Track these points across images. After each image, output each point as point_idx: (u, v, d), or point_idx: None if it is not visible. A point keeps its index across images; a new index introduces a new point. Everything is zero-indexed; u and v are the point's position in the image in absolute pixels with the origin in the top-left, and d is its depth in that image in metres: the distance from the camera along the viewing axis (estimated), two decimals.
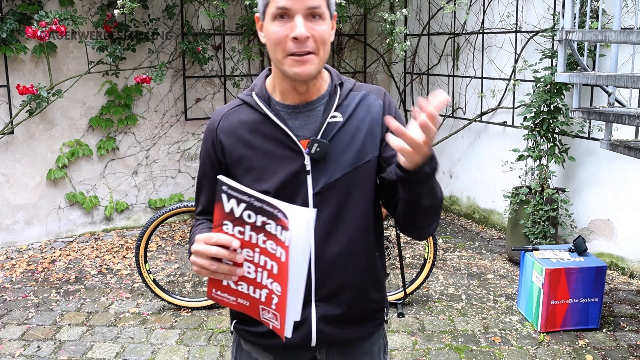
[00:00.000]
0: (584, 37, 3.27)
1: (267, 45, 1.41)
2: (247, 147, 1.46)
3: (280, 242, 1.24)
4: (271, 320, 1.35)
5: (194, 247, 1.28)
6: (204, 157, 1.55)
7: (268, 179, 1.44)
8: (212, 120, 1.54)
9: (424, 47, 6.34)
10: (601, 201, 4.70)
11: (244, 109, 1.50)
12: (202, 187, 1.58)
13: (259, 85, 1.51)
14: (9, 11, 4.96)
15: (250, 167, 1.46)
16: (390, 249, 4.04)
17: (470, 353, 3.50)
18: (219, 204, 1.28)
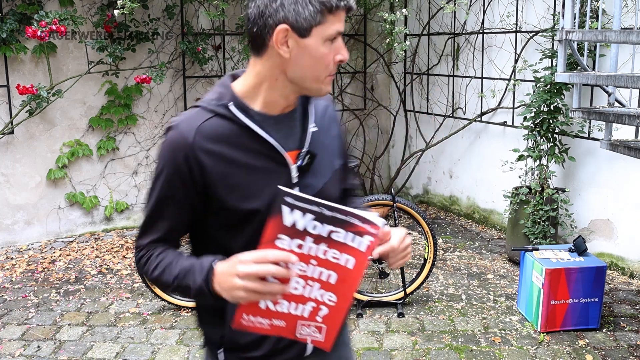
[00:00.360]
0: (584, 37, 3.27)
1: (302, 62, 1.33)
2: (229, 163, 1.36)
3: (350, 249, 1.23)
4: (311, 334, 1.32)
5: (242, 270, 1.23)
6: (168, 177, 1.36)
7: (256, 196, 1.37)
8: (182, 134, 1.35)
9: (424, 47, 6.34)
10: (601, 201, 4.70)
11: (217, 121, 1.36)
12: (162, 212, 1.40)
13: (230, 95, 1.39)
14: (9, 11, 4.96)
15: (234, 185, 1.36)
16: None
17: (470, 353, 3.50)
18: (276, 218, 1.22)
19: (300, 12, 1.29)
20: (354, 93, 6.73)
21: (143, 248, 1.44)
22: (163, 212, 1.40)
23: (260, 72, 1.38)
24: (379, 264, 4.04)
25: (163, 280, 1.39)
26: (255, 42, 1.35)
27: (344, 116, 6.71)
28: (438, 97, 6.27)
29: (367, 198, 3.99)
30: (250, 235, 1.35)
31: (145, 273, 1.43)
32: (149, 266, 1.41)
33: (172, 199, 1.38)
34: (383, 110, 6.91)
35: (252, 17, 1.33)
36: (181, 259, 1.39)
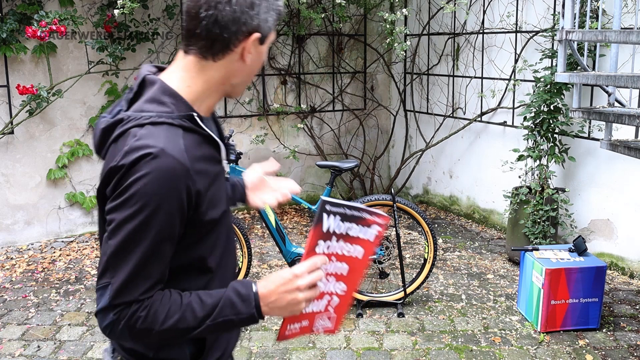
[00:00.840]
0: (584, 37, 3.27)
1: (253, 68, 1.34)
2: (207, 177, 1.29)
3: (361, 241, 1.34)
4: (324, 324, 1.41)
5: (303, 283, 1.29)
6: (168, 212, 1.21)
7: (220, 200, 1.35)
8: (178, 161, 1.21)
9: (424, 47, 6.34)
10: (601, 201, 4.70)
11: (188, 135, 1.27)
12: (160, 253, 1.24)
13: (185, 105, 1.29)
14: (9, 11, 4.96)
15: (211, 198, 1.31)
16: (390, 249, 4.04)
17: (470, 353, 3.50)
18: (317, 226, 1.31)
19: (269, 20, 1.30)
20: (354, 93, 6.73)
21: (134, 302, 1.22)
22: (160, 253, 1.23)
23: (213, 77, 1.31)
24: (379, 264, 4.04)
25: (183, 326, 1.25)
26: (216, 46, 1.27)
27: (344, 116, 6.72)
28: (438, 97, 6.27)
29: (367, 198, 3.99)
30: (215, 239, 1.36)
31: (146, 330, 1.24)
32: (153, 319, 1.23)
33: (170, 236, 1.23)
34: (383, 110, 6.91)
35: (224, 22, 1.25)
36: (198, 297, 1.28)
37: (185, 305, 1.26)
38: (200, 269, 1.34)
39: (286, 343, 3.62)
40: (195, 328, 1.26)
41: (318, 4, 5.91)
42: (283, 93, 6.39)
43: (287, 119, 6.43)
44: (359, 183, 6.71)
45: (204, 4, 1.24)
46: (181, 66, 1.32)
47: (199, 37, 1.27)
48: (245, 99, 6.17)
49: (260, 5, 1.27)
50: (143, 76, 1.34)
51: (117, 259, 1.21)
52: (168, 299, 1.26)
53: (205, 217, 1.29)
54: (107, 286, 1.22)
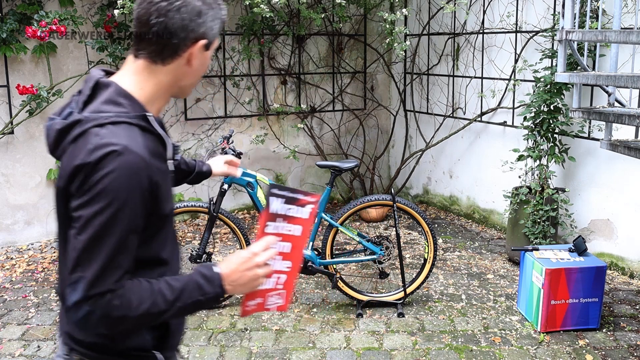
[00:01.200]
0: (584, 37, 3.27)
1: (198, 72, 1.45)
2: (162, 174, 1.38)
3: (299, 220, 1.52)
4: (276, 301, 1.56)
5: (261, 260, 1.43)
6: (134, 205, 1.28)
7: (170, 197, 1.46)
8: (140, 156, 1.29)
9: (424, 47, 6.33)
10: (601, 201, 4.70)
11: (145, 134, 1.35)
12: (128, 245, 1.30)
13: (139, 105, 1.37)
14: (9, 11, 4.96)
15: (165, 194, 1.39)
16: (390, 249, 4.04)
17: (470, 353, 3.50)
18: (266, 209, 1.49)
19: (214, 28, 1.42)
20: (354, 93, 6.73)
21: (108, 292, 1.28)
22: (128, 244, 1.30)
23: (162, 80, 1.40)
24: (379, 264, 4.04)
25: (155, 310, 1.32)
26: (165, 51, 1.37)
27: (344, 116, 6.72)
28: (438, 97, 6.27)
29: (367, 198, 3.99)
30: (167, 233, 1.46)
31: (121, 318, 1.30)
32: (127, 306, 1.30)
33: (136, 227, 1.31)
34: (383, 110, 6.91)
35: (173, 29, 1.34)
36: (167, 283, 1.36)
37: (156, 291, 1.33)
38: (158, 262, 1.43)
39: (286, 343, 3.62)
40: (166, 311, 1.34)
41: (318, 4, 5.90)
42: (283, 93, 6.39)
43: (287, 119, 6.43)
44: (359, 183, 6.71)
45: (154, 12, 1.33)
46: (132, 70, 1.40)
47: (149, 43, 1.36)
48: (245, 99, 6.17)
49: (207, 14, 1.38)
50: (96, 79, 1.39)
51: (88, 253, 1.26)
52: (139, 286, 1.33)
53: (161, 211, 1.39)
54: (79, 280, 1.27)
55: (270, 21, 5.86)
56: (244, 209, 6.33)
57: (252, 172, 3.98)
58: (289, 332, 3.76)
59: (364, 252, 4.05)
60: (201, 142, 6.07)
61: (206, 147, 6.08)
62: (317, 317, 3.96)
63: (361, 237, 4.02)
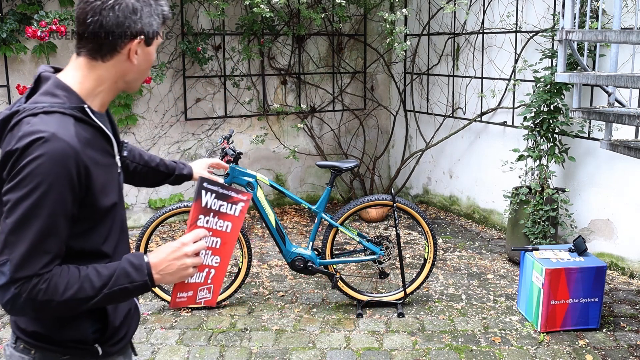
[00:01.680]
0: (584, 37, 3.27)
1: (142, 67, 1.49)
2: (97, 165, 1.41)
3: (229, 216, 1.55)
4: (204, 296, 1.60)
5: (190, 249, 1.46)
6: (60, 190, 1.31)
7: (112, 191, 1.48)
8: (67, 143, 1.32)
9: (424, 47, 6.34)
10: (601, 201, 4.70)
11: (79, 124, 1.39)
12: (55, 229, 1.32)
13: (77, 97, 1.42)
14: (9, 11, 4.96)
15: (101, 186, 1.42)
16: (391, 249, 4.04)
17: (470, 353, 3.50)
18: (197, 202, 1.51)
19: (153, 24, 1.46)
20: (354, 93, 6.73)
21: (32, 276, 1.30)
22: (55, 229, 1.33)
23: (102, 76, 1.45)
24: (379, 264, 4.04)
25: (82, 296, 1.34)
26: (103, 48, 1.42)
27: (344, 116, 6.72)
28: (438, 97, 6.27)
29: (367, 198, 3.99)
30: (109, 228, 1.49)
31: (46, 302, 1.31)
32: (53, 291, 1.32)
33: (64, 212, 1.33)
34: (383, 110, 6.91)
35: (108, 26, 1.39)
36: (95, 270, 1.38)
37: (84, 277, 1.36)
38: (98, 255, 1.46)
39: (286, 343, 3.62)
40: (93, 297, 1.36)
41: (318, 4, 5.90)
42: (283, 93, 6.39)
43: (287, 119, 6.43)
44: (359, 183, 6.71)
45: (90, 11, 1.39)
46: (74, 66, 1.46)
47: (87, 41, 1.42)
48: (246, 99, 6.17)
49: (142, 10, 1.42)
50: (39, 74, 1.46)
51: (14, 236, 1.30)
52: (67, 272, 1.35)
53: (97, 203, 1.41)
54: (6, 263, 1.30)
55: (270, 21, 5.86)
56: None
57: (252, 172, 3.98)
58: (289, 332, 3.76)
59: (364, 252, 4.05)
60: (201, 142, 6.06)
61: (206, 147, 6.08)
62: (317, 317, 3.96)
63: (361, 237, 4.02)
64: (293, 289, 4.41)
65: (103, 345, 1.53)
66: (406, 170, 6.54)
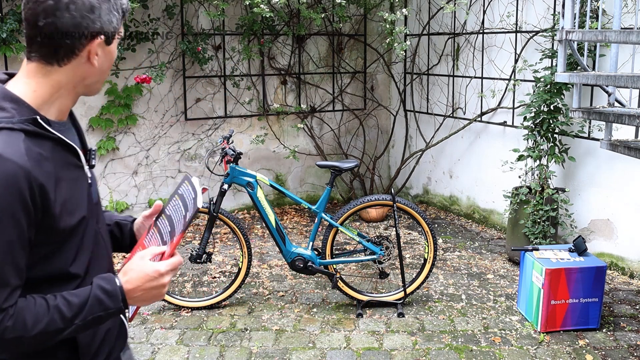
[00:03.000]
0: (584, 37, 3.27)
1: (103, 68, 1.35)
2: (57, 181, 1.27)
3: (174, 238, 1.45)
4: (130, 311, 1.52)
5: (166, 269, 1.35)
6: (13, 214, 1.18)
7: (79, 206, 1.34)
8: (15, 163, 1.18)
9: (424, 47, 6.34)
10: (601, 201, 4.70)
11: (31, 139, 1.24)
12: (12, 257, 1.20)
13: (28, 109, 1.27)
14: (9, 11, 4.96)
15: (64, 202, 1.28)
16: (390, 249, 4.04)
17: (470, 353, 3.50)
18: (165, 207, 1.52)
19: (112, 21, 1.31)
20: (354, 93, 6.73)
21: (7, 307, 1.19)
22: (13, 258, 1.20)
23: (60, 81, 1.31)
24: (379, 264, 4.04)
25: (51, 329, 1.23)
26: (59, 52, 1.27)
27: (344, 116, 6.72)
28: (438, 97, 6.27)
29: (367, 198, 3.99)
30: (77, 247, 1.34)
31: (16, 338, 1.20)
32: (22, 327, 1.21)
33: (19, 240, 1.20)
34: (383, 110, 6.91)
35: (64, 28, 1.24)
36: (64, 299, 1.27)
37: (53, 308, 1.24)
38: (66, 277, 1.33)
39: (286, 343, 3.62)
40: (65, 329, 1.25)
41: (318, 4, 5.90)
42: (283, 93, 6.39)
43: (287, 119, 6.43)
44: (359, 183, 6.71)
45: (41, 12, 1.23)
46: (26, 72, 1.30)
47: (41, 45, 1.26)
48: (245, 99, 6.17)
49: (100, 7, 1.27)
50: None
51: None
52: (33, 304, 1.24)
53: (59, 223, 1.27)
54: None
55: (270, 21, 5.86)
56: (244, 209, 6.33)
57: (252, 172, 3.98)
58: (289, 332, 3.76)
59: (364, 252, 4.05)
60: (201, 142, 6.06)
61: (206, 147, 6.08)
62: (317, 317, 3.96)
63: (361, 237, 4.02)
64: (293, 289, 4.41)
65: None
66: (406, 170, 6.54)
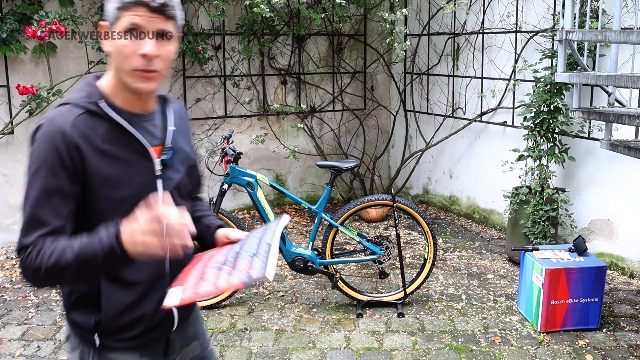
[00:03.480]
0: (584, 37, 3.26)
1: (112, 55, 1.47)
2: (103, 156, 1.46)
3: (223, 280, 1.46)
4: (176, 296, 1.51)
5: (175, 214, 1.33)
6: (51, 167, 1.40)
7: (125, 186, 1.49)
8: (59, 127, 1.42)
9: (424, 47, 6.33)
10: (601, 201, 4.70)
11: (89, 117, 1.46)
12: (48, 203, 1.41)
13: (98, 94, 1.49)
14: (9, 11, 4.96)
15: (107, 177, 1.46)
16: (390, 249, 4.04)
17: (470, 353, 3.50)
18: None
19: (109, 10, 1.45)
20: (354, 93, 6.73)
21: (29, 245, 1.40)
22: (49, 203, 1.41)
23: (112, 68, 1.50)
24: (379, 264, 4.04)
25: (62, 263, 1.36)
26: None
27: (344, 116, 6.72)
28: (438, 97, 6.27)
29: (367, 198, 3.99)
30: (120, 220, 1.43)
31: (37, 269, 1.38)
32: (42, 258, 1.37)
33: (57, 189, 1.41)
34: (383, 110, 6.91)
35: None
36: (78, 238, 1.39)
37: (65, 247, 1.38)
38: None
39: (286, 343, 3.62)
40: (69, 265, 1.36)
41: (318, 4, 5.90)
42: (283, 93, 6.39)
43: (287, 119, 6.43)
44: (359, 183, 6.71)
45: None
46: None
47: None
48: (246, 99, 6.17)
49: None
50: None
51: (22, 209, 1.45)
52: (55, 242, 1.39)
53: (101, 191, 1.46)
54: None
55: (270, 21, 5.86)
56: (244, 209, 6.33)
57: (252, 172, 3.98)
58: (289, 332, 3.76)
59: (364, 252, 4.05)
60: (201, 142, 6.06)
61: (206, 147, 6.08)
62: (317, 317, 3.96)
63: (361, 237, 4.02)
64: (293, 289, 4.41)
65: (102, 337, 1.55)
66: (406, 170, 6.54)
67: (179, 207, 1.36)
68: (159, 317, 1.61)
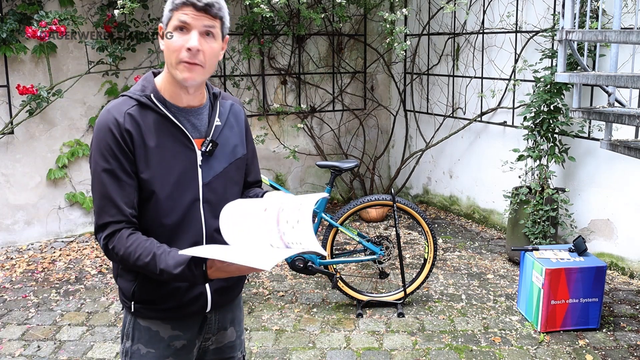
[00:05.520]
0: (584, 37, 3.26)
1: (165, 51, 1.63)
2: (151, 144, 1.63)
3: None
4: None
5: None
6: (108, 150, 1.59)
7: (166, 173, 1.65)
8: (114, 116, 1.61)
9: (424, 47, 6.34)
10: (601, 201, 4.70)
11: (141, 109, 1.64)
12: (116, 183, 1.60)
13: (151, 88, 1.67)
14: (9, 11, 4.96)
15: (152, 163, 1.63)
16: (390, 249, 4.04)
17: (470, 353, 3.50)
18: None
19: (164, 13, 1.63)
20: (354, 93, 6.73)
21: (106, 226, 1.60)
22: (116, 183, 1.59)
23: (165, 65, 1.66)
24: (379, 264, 4.04)
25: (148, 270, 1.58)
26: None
27: (344, 116, 6.72)
28: (438, 97, 6.27)
29: (367, 198, 3.99)
30: (155, 207, 1.65)
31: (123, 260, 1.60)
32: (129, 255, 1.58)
33: (120, 168, 1.59)
34: (383, 110, 6.91)
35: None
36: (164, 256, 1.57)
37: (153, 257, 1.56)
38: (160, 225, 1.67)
39: (286, 343, 3.62)
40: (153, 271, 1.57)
41: (318, 4, 5.90)
42: (283, 93, 6.39)
43: (287, 119, 6.43)
44: (359, 183, 6.71)
45: None
46: None
47: None
48: (246, 99, 6.17)
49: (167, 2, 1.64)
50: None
51: (92, 193, 1.65)
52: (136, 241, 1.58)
53: (147, 177, 1.62)
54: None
55: (270, 21, 5.86)
56: None
57: None
58: (289, 332, 3.76)
59: (364, 252, 4.05)
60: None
61: None
62: (317, 317, 3.96)
63: (361, 237, 4.02)
64: (293, 289, 4.41)
65: (138, 304, 1.74)
66: (406, 170, 6.54)
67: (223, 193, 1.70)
68: (192, 294, 1.74)
